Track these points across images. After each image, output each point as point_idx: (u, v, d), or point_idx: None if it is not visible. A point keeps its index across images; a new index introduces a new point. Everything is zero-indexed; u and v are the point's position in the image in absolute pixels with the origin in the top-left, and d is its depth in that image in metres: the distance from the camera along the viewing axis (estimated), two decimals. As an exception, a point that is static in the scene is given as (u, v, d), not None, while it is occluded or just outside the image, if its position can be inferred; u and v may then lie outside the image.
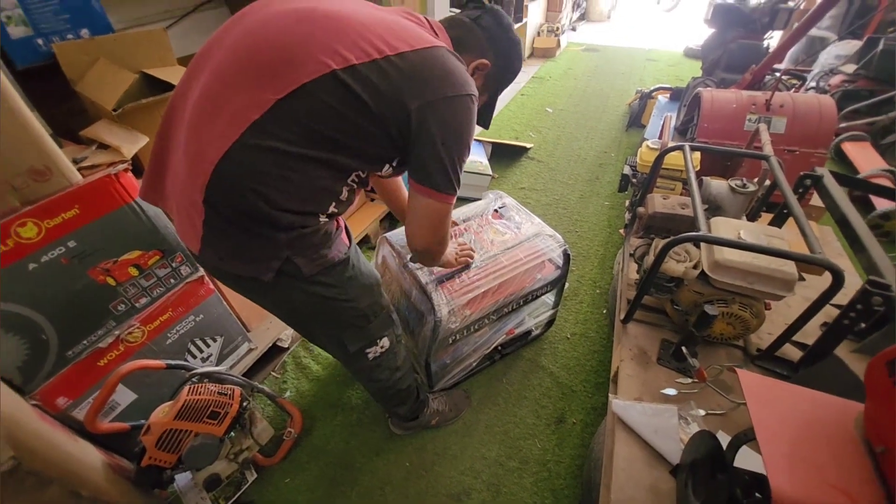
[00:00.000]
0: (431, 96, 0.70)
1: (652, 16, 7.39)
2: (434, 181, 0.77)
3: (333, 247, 0.80)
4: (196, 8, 1.73)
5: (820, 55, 3.20)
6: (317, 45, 0.66)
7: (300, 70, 0.65)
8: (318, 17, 0.69)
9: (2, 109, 0.83)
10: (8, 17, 1.09)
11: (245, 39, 0.70)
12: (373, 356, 1.02)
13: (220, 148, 0.66)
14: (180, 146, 0.72)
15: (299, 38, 0.67)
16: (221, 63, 0.70)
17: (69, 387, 1.07)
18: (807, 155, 1.89)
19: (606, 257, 2.17)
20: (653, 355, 1.18)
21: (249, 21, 0.72)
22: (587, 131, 3.45)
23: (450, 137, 0.73)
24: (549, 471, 1.34)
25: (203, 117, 0.69)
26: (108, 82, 1.12)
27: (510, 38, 0.87)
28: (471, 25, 0.84)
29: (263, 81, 0.66)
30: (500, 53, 0.87)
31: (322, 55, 0.65)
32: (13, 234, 0.89)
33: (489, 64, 0.86)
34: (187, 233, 0.76)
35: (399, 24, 0.74)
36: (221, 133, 0.66)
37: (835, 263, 0.86)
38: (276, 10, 0.72)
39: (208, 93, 0.69)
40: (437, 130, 0.71)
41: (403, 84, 0.68)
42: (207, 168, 0.67)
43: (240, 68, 0.68)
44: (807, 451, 0.60)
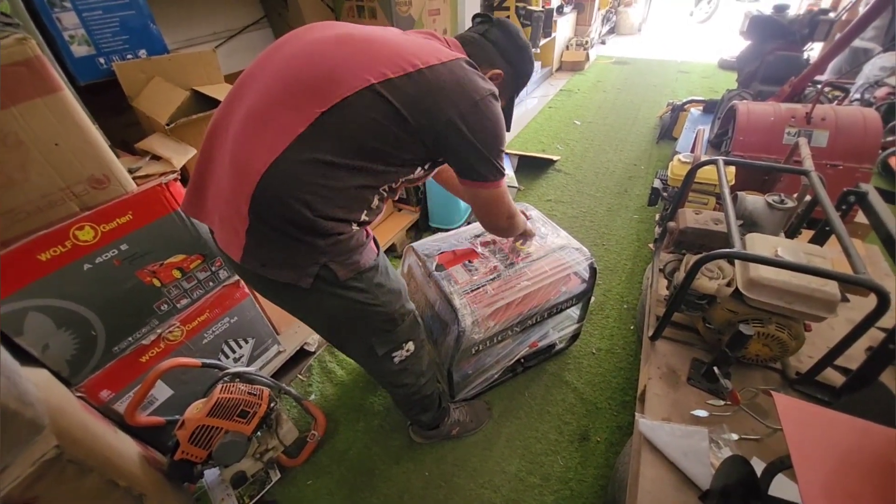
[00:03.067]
0: (463, 104, 0.76)
1: (684, 28, 7.26)
2: (481, 175, 0.85)
3: (364, 253, 0.85)
4: (242, 29, 1.85)
5: (864, 67, 3.05)
6: (356, 63, 0.73)
7: (342, 85, 0.72)
8: (355, 41, 0.77)
9: (67, 123, 0.92)
10: (72, 36, 1.19)
11: (290, 62, 0.77)
12: (399, 360, 1.05)
13: (267, 160, 0.71)
14: (224, 162, 0.78)
15: (340, 58, 0.74)
16: (268, 84, 0.76)
17: (113, 381, 1.14)
18: (851, 170, 1.80)
19: (635, 272, 2.13)
20: (683, 375, 1.15)
21: (292, 47, 0.79)
22: (616, 144, 3.41)
23: (485, 135, 0.80)
24: (570, 489, 1.31)
25: (250, 133, 0.75)
26: (162, 99, 1.21)
27: (518, 46, 0.95)
28: (480, 41, 0.92)
29: (308, 97, 0.72)
30: (511, 62, 0.94)
31: (361, 72, 0.72)
32: (71, 237, 0.97)
33: (502, 73, 0.93)
34: (231, 243, 0.80)
35: (426, 42, 0.83)
36: (269, 146, 0.72)
37: (880, 284, 0.82)
38: (316, 37, 0.79)
39: (255, 111, 0.75)
40: (472, 134, 0.78)
41: (437, 94, 0.75)
42: (254, 178, 0.72)
43: (285, 88, 0.74)
44: (846, 481, 0.57)
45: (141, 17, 1.27)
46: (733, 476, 0.77)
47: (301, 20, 1.84)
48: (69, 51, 1.20)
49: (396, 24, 1.80)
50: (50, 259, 0.94)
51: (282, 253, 0.78)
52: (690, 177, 1.39)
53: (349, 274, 0.82)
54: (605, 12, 6.20)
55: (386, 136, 0.75)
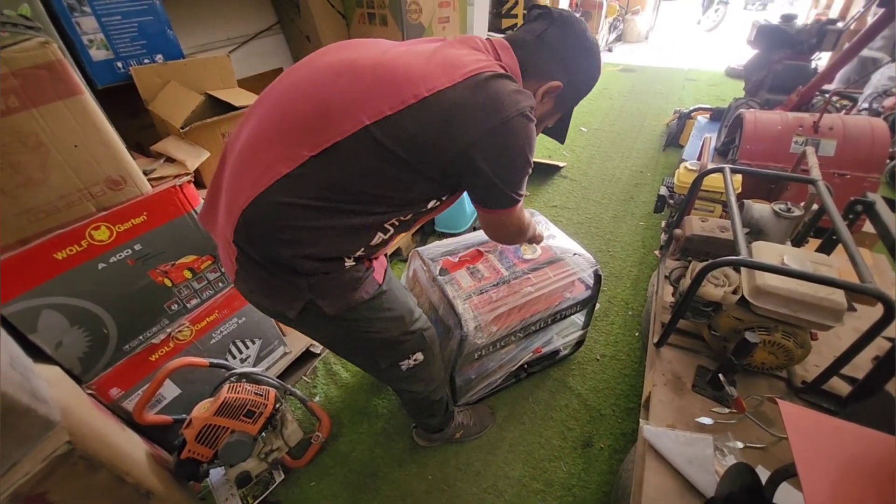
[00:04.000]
0: (475, 135, 0.66)
1: (692, 36, 7.27)
2: (497, 203, 0.77)
3: (361, 288, 0.79)
4: (256, 35, 1.88)
5: (873, 76, 3.04)
6: (352, 97, 0.66)
7: (334, 126, 0.65)
8: (358, 69, 0.69)
9: (86, 125, 0.94)
10: (91, 41, 1.22)
11: (289, 92, 0.72)
12: (406, 368, 1.03)
13: (249, 196, 0.68)
14: (226, 186, 0.78)
15: (336, 93, 0.67)
16: (265, 114, 0.73)
17: (123, 379, 1.15)
18: (858, 179, 1.80)
19: (640, 279, 2.12)
20: (688, 382, 1.14)
21: (297, 75, 0.74)
22: (622, 151, 3.41)
23: (504, 166, 0.71)
24: (573, 496, 1.31)
25: (241, 165, 0.73)
26: (177, 103, 1.24)
27: (583, 49, 0.79)
28: (534, 45, 0.77)
29: (299, 136, 0.67)
30: (572, 69, 0.80)
31: (356, 109, 0.65)
32: (87, 237, 0.99)
33: (560, 85, 0.79)
34: (226, 264, 0.82)
35: (446, 56, 0.70)
36: (253, 182, 0.69)
37: (887, 293, 0.82)
38: (323, 62, 0.73)
39: (251, 141, 0.73)
40: (487, 166, 0.69)
41: (442, 126, 0.66)
42: (237, 212, 0.70)
43: (278, 121, 0.70)
44: (852, 490, 0.56)
45: (158, 22, 1.30)
46: (738, 484, 0.77)
47: (313, 26, 1.87)
48: (88, 55, 1.23)
49: (407, 32, 1.82)
50: (66, 258, 0.97)
51: (267, 286, 0.77)
52: (697, 184, 1.39)
53: (338, 310, 0.78)
54: (612, 20, 6.22)
55: (383, 180, 0.68)
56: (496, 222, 0.85)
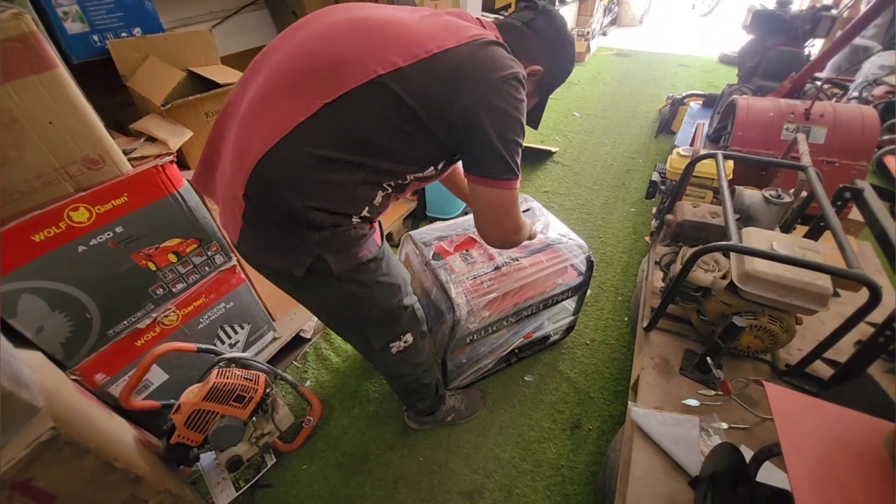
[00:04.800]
0: (481, 89, 0.69)
1: (686, 21, 7.21)
2: (494, 171, 0.76)
3: (364, 247, 0.81)
4: (239, 10, 1.80)
5: (863, 65, 3.06)
6: (366, 50, 0.68)
7: (349, 75, 0.67)
8: (369, 25, 0.72)
9: (61, 101, 0.90)
10: (65, 13, 1.16)
11: (302, 47, 0.73)
12: (396, 351, 1.04)
13: (264, 147, 0.69)
14: (230, 144, 0.77)
15: (349, 45, 0.70)
16: (277, 67, 0.73)
17: (107, 364, 1.13)
18: (847, 167, 1.82)
19: (630, 264, 2.14)
20: (675, 365, 1.16)
21: (307, 31, 0.76)
22: (615, 136, 3.40)
23: (504, 127, 0.72)
24: (562, 475, 1.33)
25: (253, 117, 0.73)
26: (157, 79, 1.19)
27: (564, 41, 0.86)
28: (523, 30, 0.83)
29: (313, 86, 0.69)
30: (554, 57, 0.86)
31: (370, 61, 0.67)
32: (66, 218, 0.95)
33: (542, 70, 0.84)
34: (228, 224, 0.81)
35: (450, 22, 0.75)
36: (267, 132, 0.70)
37: (872, 279, 0.83)
38: (333, 19, 0.75)
39: (262, 95, 0.73)
40: (490, 125, 0.70)
41: (450, 79, 0.68)
42: (250, 164, 0.70)
43: (292, 73, 0.71)
44: (834, 469, 0.58)
45: (136, -6, 1.24)
46: (723, 463, 0.79)
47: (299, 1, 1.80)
48: (62, 28, 1.16)
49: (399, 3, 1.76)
50: (44, 240, 0.93)
51: (275, 241, 0.76)
52: (689, 170, 1.39)
53: (346, 267, 0.79)
54: (606, 3, 6.13)
55: (393, 132, 0.70)
56: (491, 201, 0.80)
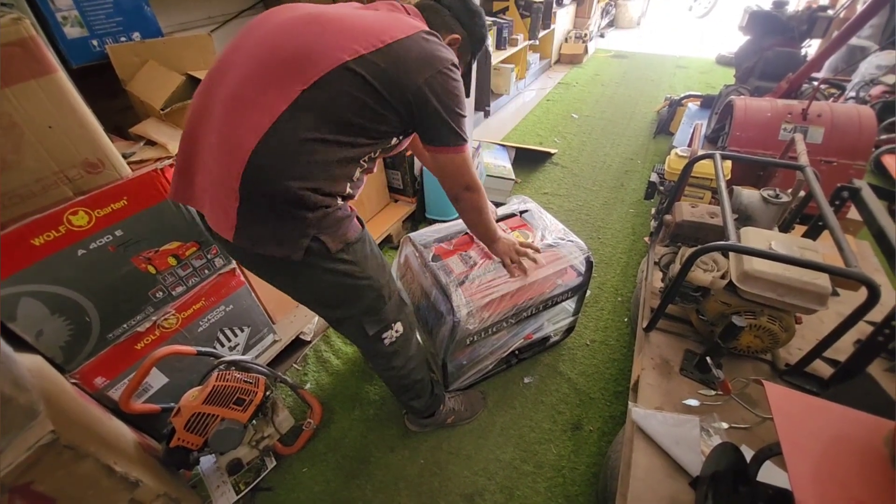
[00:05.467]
0: (428, 72, 0.82)
1: (683, 23, 7.24)
2: (446, 140, 0.91)
3: (350, 227, 0.89)
4: (238, 14, 1.81)
5: (860, 65, 3.07)
6: (330, 41, 0.77)
7: (319, 63, 0.75)
8: (323, 20, 0.81)
9: (61, 105, 0.90)
10: (64, 17, 1.16)
11: (265, 43, 0.80)
12: (389, 341, 1.08)
13: (255, 138, 0.74)
14: (211, 145, 0.80)
15: (314, 37, 0.78)
16: (247, 65, 0.79)
17: (107, 368, 1.13)
18: (845, 166, 1.82)
19: (629, 265, 2.14)
20: (675, 365, 1.16)
21: (264, 29, 0.83)
22: (613, 138, 3.41)
23: (449, 102, 0.86)
24: (563, 477, 1.33)
25: (236, 113, 0.77)
26: (156, 83, 1.19)
27: (471, 10, 1.01)
28: (437, 7, 0.98)
29: (287, 76, 0.76)
30: (466, 26, 1.00)
31: (335, 50, 0.76)
32: (65, 222, 0.95)
33: (459, 38, 0.99)
34: (222, 223, 0.82)
35: (391, 16, 0.88)
36: (255, 124, 0.75)
37: (871, 278, 0.83)
38: (286, 17, 0.83)
39: (236, 94, 0.78)
40: (436, 101, 0.84)
41: (404, 64, 0.80)
42: (244, 157, 0.74)
43: (265, 67, 0.77)
44: (834, 468, 0.58)
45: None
46: (723, 463, 0.79)
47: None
48: (62, 32, 1.17)
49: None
50: (43, 244, 0.93)
51: (273, 229, 0.80)
52: (687, 171, 1.40)
53: (339, 245, 0.86)
54: (604, 5, 6.16)
55: (363, 110, 0.79)
56: (447, 164, 0.96)
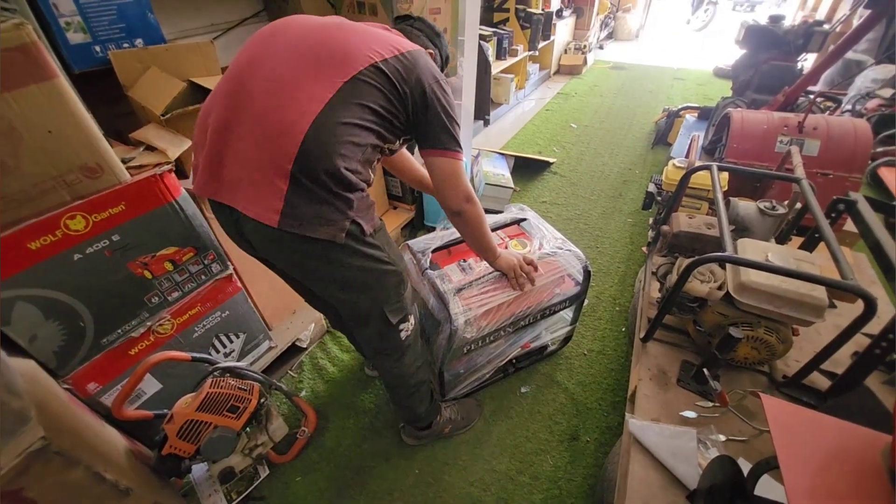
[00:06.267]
0: (431, 80, 0.94)
1: (681, 35, 7.34)
2: (446, 143, 0.98)
3: (375, 213, 0.98)
4: (241, 22, 1.83)
5: (856, 79, 3.11)
6: (360, 45, 0.89)
7: (355, 61, 0.86)
8: (349, 28, 0.92)
9: (60, 110, 0.90)
10: (68, 23, 1.17)
11: (301, 42, 0.89)
12: (405, 334, 1.11)
13: (308, 121, 0.81)
14: (249, 134, 0.84)
15: (347, 41, 0.89)
16: (286, 61, 0.87)
17: (100, 373, 1.12)
18: (841, 179, 1.83)
19: (627, 275, 2.14)
20: (672, 376, 1.16)
21: (293, 32, 0.91)
22: (611, 148, 3.43)
23: (448, 108, 0.97)
24: (560, 489, 1.32)
25: (282, 102, 0.84)
26: (158, 89, 1.20)
27: (437, 32, 1.16)
28: (411, 30, 1.11)
29: (331, 70, 0.86)
30: (436, 44, 1.14)
31: (366, 51, 0.88)
32: (62, 226, 0.95)
33: (434, 53, 1.11)
34: (266, 209, 0.84)
35: (392, 34, 0.99)
36: (305, 110, 0.82)
37: (867, 290, 0.84)
38: (312, 23, 0.93)
39: (281, 84, 0.85)
40: (438, 105, 0.95)
41: (415, 71, 0.92)
42: (298, 138, 0.80)
43: (307, 62, 0.86)
44: (831, 481, 0.58)
45: (139, 5, 1.25)
46: (720, 476, 0.78)
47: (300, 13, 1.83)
48: (65, 38, 1.18)
49: (396, 22, 1.80)
50: (40, 248, 0.93)
51: (319, 208, 0.85)
52: (684, 182, 1.40)
53: (371, 228, 0.94)
54: (603, 17, 6.24)
55: (386, 102, 0.89)
56: (444, 169, 1.02)
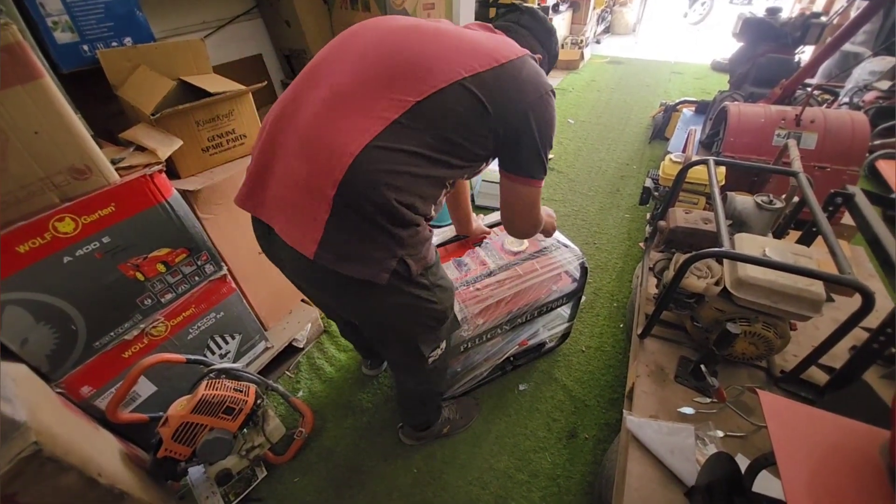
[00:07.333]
0: (532, 97, 0.79)
1: (678, 29, 7.30)
2: (531, 170, 0.87)
3: (429, 250, 0.87)
4: (232, 19, 1.81)
5: (854, 71, 3.10)
6: (448, 56, 0.75)
7: (437, 76, 0.73)
8: (440, 35, 0.79)
9: (47, 111, 0.89)
10: (55, 23, 1.15)
11: (376, 50, 0.77)
12: (433, 360, 1.04)
13: (360, 143, 0.70)
14: (294, 150, 0.76)
15: (430, 49, 0.76)
16: (353, 71, 0.76)
17: (94, 376, 1.11)
18: (838, 172, 1.83)
19: (625, 270, 2.14)
20: (670, 372, 1.15)
21: (371, 36, 0.81)
22: (609, 143, 3.42)
23: (545, 130, 0.83)
24: (558, 486, 1.31)
25: (338, 116, 0.74)
26: (147, 88, 1.18)
27: (548, 30, 0.99)
28: (517, 29, 0.95)
29: (403, 85, 0.73)
30: (545, 45, 0.99)
31: (454, 64, 0.74)
32: (51, 229, 0.94)
33: (541, 58, 0.96)
34: (304, 235, 0.76)
35: (495, 38, 0.85)
36: (361, 130, 0.71)
37: (865, 284, 0.83)
38: (395, 25, 0.82)
39: (343, 94, 0.75)
40: (536, 126, 0.81)
41: (513, 86, 0.78)
42: (345, 161, 0.70)
43: (375, 74, 0.75)
44: (829, 477, 0.57)
45: (126, 3, 1.24)
46: (718, 473, 0.78)
47: (292, 11, 1.81)
48: (52, 37, 1.16)
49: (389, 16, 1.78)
50: (28, 251, 0.92)
51: (361, 244, 0.75)
52: (681, 176, 1.39)
53: (420, 269, 0.83)
54: (600, 11, 6.21)
55: (466, 129, 0.77)
56: (522, 197, 0.91)
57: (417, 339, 0.97)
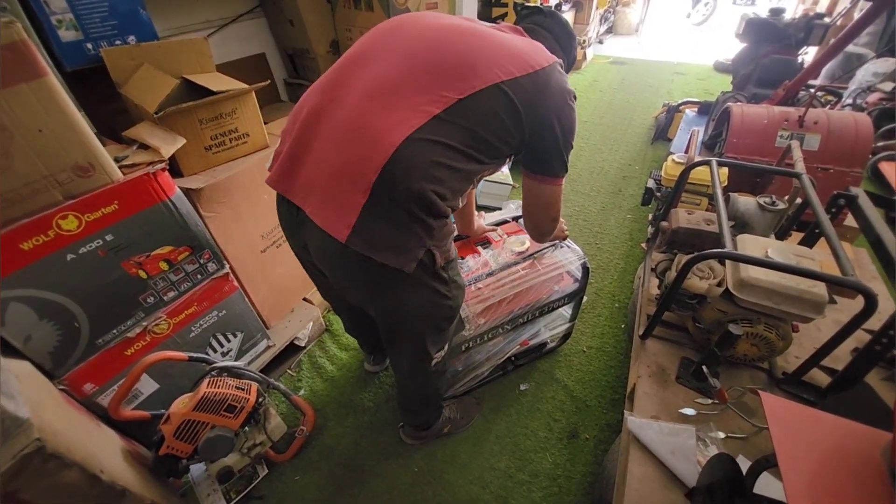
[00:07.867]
0: (559, 102, 0.84)
1: (681, 29, 7.29)
2: (554, 170, 0.92)
3: (452, 245, 0.90)
4: (236, 18, 1.81)
5: (857, 72, 3.09)
6: (490, 57, 0.79)
7: (479, 77, 0.77)
8: (481, 35, 0.82)
9: (51, 109, 0.89)
10: (59, 21, 1.15)
11: (421, 44, 0.81)
12: (436, 362, 1.06)
13: (403, 133, 0.73)
14: (333, 136, 0.78)
15: (476, 50, 0.79)
16: (398, 63, 0.79)
17: (96, 374, 1.11)
18: (841, 174, 1.82)
19: (627, 271, 2.14)
20: (672, 373, 1.15)
21: (415, 31, 0.84)
22: (611, 143, 3.42)
23: (568, 133, 0.89)
24: (559, 486, 1.32)
25: (381, 106, 0.76)
26: (151, 86, 1.18)
27: (570, 34, 1.02)
28: (541, 32, 0.98)
29: (447, 82, 0.76)
30: (565, 49, 1.02)
31: (495, 67, 0.78)
32: (55, 226, 0.94)
33: (561, 62, 0.96)
34: (337, 219, 0.77)
35: (528, 43, 0.88)
36: (404, 121, 0.74)
37: (867, 286, 0.83)
38: (437, 23, 0.84)
39: (387, 86, 0.77)
40: (560, 130, 0.86)
41: (545, 92, 0.82)
42: (388, 150, 0.72)
43: (420, 68, 0.78)
44: (830, 480, 0.57)
45: (131, 2, 1.23)
46: (719, 474, 0.78)
47: (296, 10, 1.81)
48: (56, 35, 1.16)
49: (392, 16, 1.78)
50: (32, 248, 0.92)
51: (394, 232, 0.77)
52: (684, 177, 1.39)
53: (443, 261, 0.86)
54: (603, 12, 6.19)
55: (498, 129, 0.80)
56: (545, 195, 0.97)
57: (427, 338, 0.98)
